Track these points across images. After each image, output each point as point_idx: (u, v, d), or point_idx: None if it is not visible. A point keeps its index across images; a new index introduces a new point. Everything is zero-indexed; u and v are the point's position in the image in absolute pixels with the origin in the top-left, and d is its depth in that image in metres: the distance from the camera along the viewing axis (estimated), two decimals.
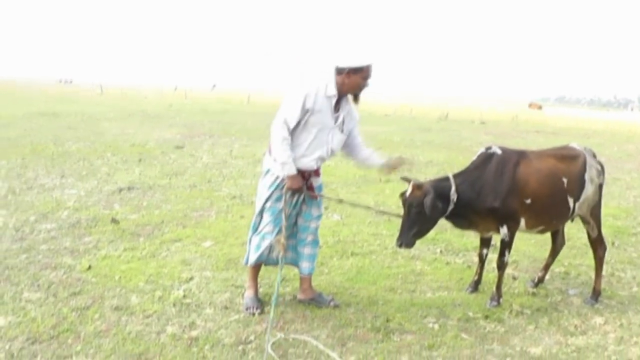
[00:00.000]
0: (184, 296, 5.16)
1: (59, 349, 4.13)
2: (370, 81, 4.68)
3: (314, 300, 5.13)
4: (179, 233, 7.21)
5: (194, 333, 4.47)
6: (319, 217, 5.09)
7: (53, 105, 35.41)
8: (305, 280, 5.16)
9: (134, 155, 14.05)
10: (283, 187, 4.71)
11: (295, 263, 5.18)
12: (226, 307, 4.99)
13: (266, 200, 4.81)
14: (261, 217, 4.92)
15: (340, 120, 4.77)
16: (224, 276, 5.74)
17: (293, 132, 4.63)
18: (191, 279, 5.64)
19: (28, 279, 5.41)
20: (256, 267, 5.09)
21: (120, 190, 9.66)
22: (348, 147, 5.04)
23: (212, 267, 6.00)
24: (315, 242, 5.12)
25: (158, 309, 4.87)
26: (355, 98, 4.80)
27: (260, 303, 5.01)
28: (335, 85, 4.63)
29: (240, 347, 4.28)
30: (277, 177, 4.73)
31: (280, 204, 4.73)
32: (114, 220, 7.58)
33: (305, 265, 5.12)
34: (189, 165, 12.94)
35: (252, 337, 4.44)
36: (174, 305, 4.97)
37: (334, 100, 4.67)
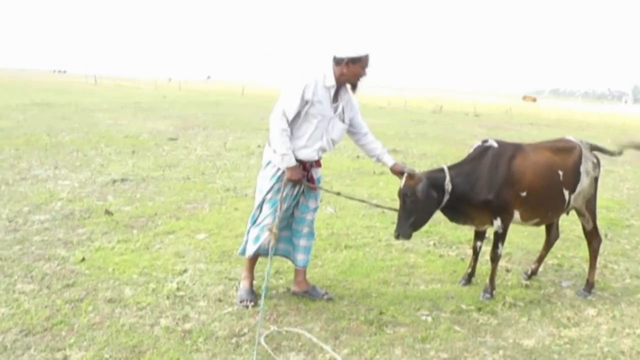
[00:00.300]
0: (178, 289, 5.16)
1: (52, 341, 4.12)
2: (368, 70, 4.70)
3: (308, 293, 5.13)
4: (172, 225, 7.20)
5: (187, 326, 4.47)
6: (316, 209, 5.09)
7: (47, 95, 35.36)
8: (300, 273, 5.17)
9: (128, 146, 14.02)
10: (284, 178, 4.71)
11: (289, 255, 5.17)
12: (220, 300, 4.99)
13: (267, 192, 4.81)
14: (260, 209, 4.90)
15: (339, 110, 4.78)
16: (217, 269, 5.74)
17: (293, 124, 4.63)
18: (185, 271, 5.64)
19: (21, 271, 5.40)
20: (253, 259, 5.09)
21: (114, 181, 9.64)
22: (355, 137, 5.07)
23: (206, 260, 5.99)
24: (310, 234, 5.12)
25: (152, 302, 4.86)
26: (354, 87, 4.81)
27: (255, 295, 5.01)
28: (333, 75, 4.64)
29: (233, 340, 4.28)
30: (278, 169, 4.72)
31: (279, 196, 4.73)
32: (108, 212, 7.57)
33: (300, 257, 5.12)
34: (183, 157, 12.92)
35: (245, 330, 4.44)
36: (168, 297, 4.97)
37: (332, 91, 4.68)
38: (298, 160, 4.69)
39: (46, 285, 5.09)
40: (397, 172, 5.06)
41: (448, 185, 4.99)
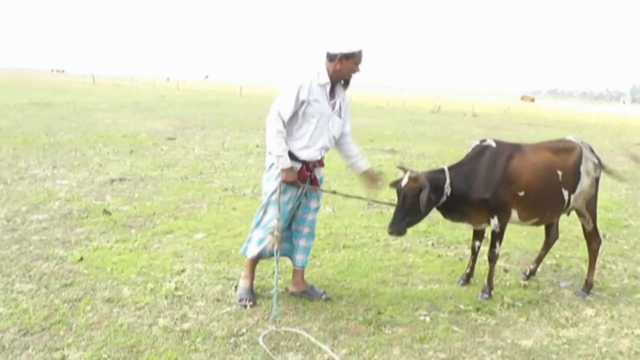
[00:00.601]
0: (176, 288, 5.15)
1: (50, 340, 4.12)
2: (361, 67, 4.71)
3: (306, 293, 5.12)
4: (170, 225, 7.20)
5: (185, 325, 4.46)
6: (317, 209, 5.08)
7: (45, 95, 35.32)
8: (298, 273, 5.16)
9: (126, 146, 14.01)
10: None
11: (289, 255, 5.16)
12: (218, 300, 4.98)
13: (272, 194, 4.76)
14: (265, 211, 4.85)
15: (337, 106, 4.77)
16: (215, 268, 5.74)
17: (293, 125, 4.63)
18: (183, 271, 5.63)
19: (19, 270, 5.40)
20: (255, 260, 5.06)
21: (112, 181, 9.64)
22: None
23: (204, 259, 5.99)
24: (310, 235, 5.11)
25: (150, 301, 4.86)
26: (346, 83, 4.81)
27: (254, 295, 5.00)
28: (326, 72, 4.64)
29: (232, 340, 4.27)
30: None
31: (286, 197, 4.73)
32: (106, 212, 7.56)
33: (299, 257, 5.10)
34: (181, 157, 12.91)
35: (244, 330, 4.43)
36: (166, 297, 4.96)
37: (328, 88, 4.68)
38: (301, 161, 4.69)
39: (44, 285, 5.09)
40: (368, 177, 5.05)
41: (448, 189, 5.01)
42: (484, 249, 5.70)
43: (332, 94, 4.73)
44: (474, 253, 5.67)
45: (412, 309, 5.01)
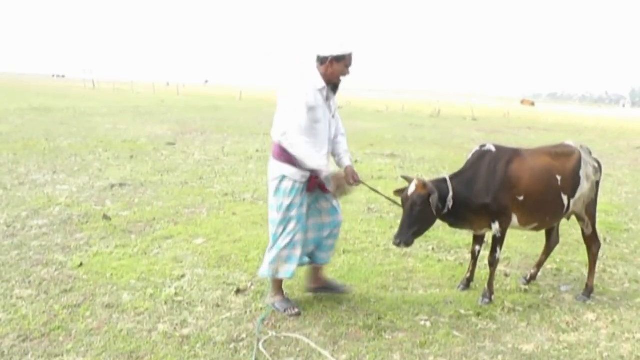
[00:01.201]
0: (176, 294, 5.15)
1: (50, 346, 4.11)
2: (350, 69, 4.72)
3: (327, 289, 5.16)
4: (170, 230, 7.19)
5: (185, 331, 4.46)
6: (340, 207, 5.07)
7: (45, 100, 35.40)
8: (319, 270, 5.16)
9: (126, 151, 14.01)
10: (304, 190, 4.66)
11: (307, 260, 5.06)
12: (218, 305, 4.97)
13: (289, 208, 4.67)
14: (284, 227, 4.72)
15: (333, 108, 4.79)
16: (215, 274, 5.73)
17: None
18: (183, 276, 5.62)
19: (19, 276, 5.39)
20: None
21: (112, 186, 9.64)
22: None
23: (204, 265, 5.98)
24: (337, 235, 5.11)
25: (149, 307, 4.85)
26: (335, 87, 4.78)
27: (293, 303, 4.99)
28: (320, 76, 4.64)
29: (232, 345, 4.27)
30: (296, 182, 4.62)
31: (304, 209, 4.70)
32: (106, 217, 7.55)
33: (324, 255, 5.06)
34: (181, 162, 12.91)
35: (243, 335, 4.43)
36: (166, 303, 4.96)
37: (324, 92, 4.68)
38: (310, 170, 4.64)
39: (44, 291, 5.08)
40: (350, 172, 4.87)
41: (450, 201, 5.00)
42: (484, 253, 5.70)
43: (326, 96, 4.74)
44: (474, 257, 5.66)
45: (412, 314, 5.00)
